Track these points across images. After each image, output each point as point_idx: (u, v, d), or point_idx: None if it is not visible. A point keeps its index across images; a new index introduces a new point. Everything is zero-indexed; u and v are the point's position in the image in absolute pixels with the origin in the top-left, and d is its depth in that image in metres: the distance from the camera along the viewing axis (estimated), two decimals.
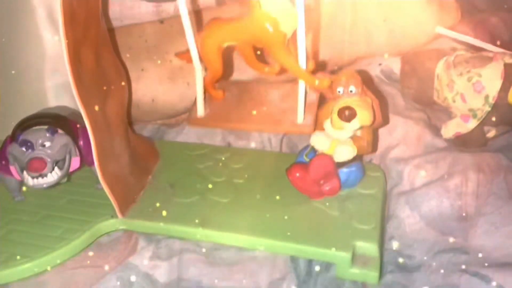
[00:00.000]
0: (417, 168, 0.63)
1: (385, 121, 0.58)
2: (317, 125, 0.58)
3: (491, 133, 0.69)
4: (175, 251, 0.53)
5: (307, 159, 0.58)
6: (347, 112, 0.51)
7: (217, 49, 0.58)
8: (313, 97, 0.62)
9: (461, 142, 0.68)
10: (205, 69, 0.63)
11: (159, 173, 0.65)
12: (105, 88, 0.58)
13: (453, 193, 0.57)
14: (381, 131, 0.71)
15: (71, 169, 0.57)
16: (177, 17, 0.79)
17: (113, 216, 0.57)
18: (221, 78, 0.63)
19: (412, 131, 0.71)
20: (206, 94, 0.65)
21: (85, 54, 0.53)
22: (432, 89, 0.73)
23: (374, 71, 0.83)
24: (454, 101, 0.69)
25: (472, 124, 0.66)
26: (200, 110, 0.64)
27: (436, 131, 0.71)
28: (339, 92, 0.54)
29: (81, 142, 0.58)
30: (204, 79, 0.63)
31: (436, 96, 0.73)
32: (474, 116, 0.66)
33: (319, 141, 0.56)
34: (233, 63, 0.76)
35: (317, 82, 0.56)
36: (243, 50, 0.63)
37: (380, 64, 0.84)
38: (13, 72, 0.71)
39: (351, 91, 0.53)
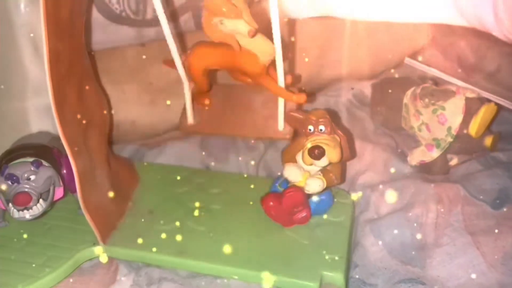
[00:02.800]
0: (382, 195, 0.67)
1: (352, 155, 0.62)
2: (288, 157, 0.61)
3: (453, 161, 0.73)
4: (154, 279, 0.56)
5: (280, 189, 0.62)
6: (316, 151, 0.55)
7: (203, 72, 0.63)
8: (292, 105, 0.67)
9: (426, 170, 0.72)
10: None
11: (139, 198, 0.68)
12: (87, 120, 0.60)
13: (414, 223, 0.61)
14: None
15: (55, 199, 0.59)
16: (158, 40, 0.82)
17: (95, 243, 0.60)
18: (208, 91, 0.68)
19: (380, 157, 0.75)
20: (194, 103, 0.69)
21: (69, 91, 0.56)
22: (400, 116, 0.78)
23: (346, 95, 0.87)
24: (420, 130, 0.73)
25: (436, 153, 0.71)
26: (190, 118, 0.69)
27: (403, 157, 0.75)
28: (310, 130, 0.58)
29: (64, 171, 0.61)
30: (192, 90, 0.68)
31: (404, 124, 0.77)
32: (438, 145, 0.71)
33: (291, 173, 0.60)
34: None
35: (294, 98, 0.61)
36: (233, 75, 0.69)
37: (352, 88, 0.89)
38: None
39: (321, 130, 0.57)
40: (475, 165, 0.71)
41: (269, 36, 0.57)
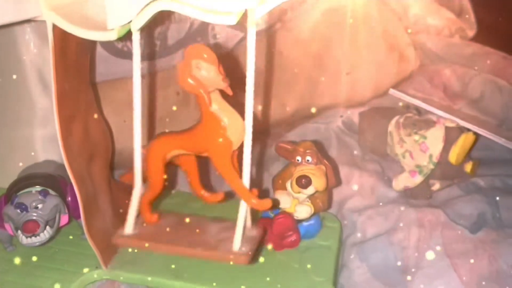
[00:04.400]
0: (368, 219, 0.72)
1: (338, 182, 0.67)
2: (278, 185, 0.65)
3: (436, 186, 0.77)
4: None
5: (271, 214, 0.66)
6: (303, 181, 0.59)
7: (161, 160, 0.60)
8: (254, 232, 0.61)
9: (409, 194, 0.77)
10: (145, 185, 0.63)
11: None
12: (91, 150, 0.64)
13: (397, 246, 0.65)
14: (341, 182, 0.80)
15: (60, 225, 0.63)
16: (158, 72, 0.87)
17: (98, 267, 0.63)
18: (158, 197, 0.64)
19: (366, 183, 0.79)
20: (140, 215, 0.65)
21: (75, 127, 0.60)
22: (385, 144, 0.82)
23: (336, 122, 0.92)
24: (403, 157, 0.78)
25: (418, 179, 0.75)
26: (129, 227, 0.63)
27: (388, 182, 0.80)
28: (298, 160, 0.62)
29: (69, 199, 0.65)
30: (142, 197, 0.63)
31: (389, 151, 0.82)
32: (420, 172, 0.75)
33: (281, 200, 0.64)
34: None
35: (254, 201, 0.56)
36: (189, 172, 0.65)
37: (341, 116, 0.93)
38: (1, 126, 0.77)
39: (307, 160, 0.62)
40: (456, 190, 0.76)
41: None
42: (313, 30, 0.98)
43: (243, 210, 0.59)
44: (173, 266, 0.63)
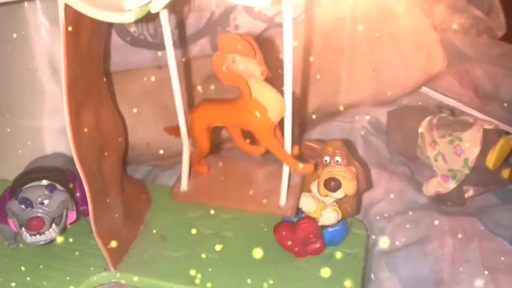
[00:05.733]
0: (398, 227, 0.66)
1: (368, 186, 0.62)
2: (304, 186, 0.60)
3: (469, 193, 0.72)
4: None
5: (294, 219, 0.61)
6: (332, 184, 0.54)
7: (206, 130, 0.61)
8: (297, 180, 0.64)
9: (441, 201, 0.71)
10: (193, 145, 0.65)
11: (151, 221, 0.67)
12: (102, 144, 0.60)
13: (430, 257, 0.60)
14: None
15: (67, 222, 0.59)
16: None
17: (106, 269, 0.59)
18: (209, 154, 0.65)
19: (395, 186, 0.74)
20: (192, 169, 0.67)
21: (86, 118, 0.56)
22: (415, 145, 0.77)
23: (362, 122, 0.87)
24: (435, 160, 0.72)
25: (452, 185, 0.70)
26: (184, 185, 0.66)
27: (418, 187, 0.74)
28: (326, 161, 0.57)
29: (78, 194, 0.61)
30: (191, 154, 0.65)
31: (419, 153, 0.77)
32: (454, 177, 0.70)
33: (306, 203, 0.59)
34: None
35: (301, 166, 0.58)
36: (231, 130, 0.65)
37: (367, 115, 0.88)
38: (7, 115, 0.73)
39: (337, 161, 0.57)
40: (492, 198, 0.70)
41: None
42: (338, 23, 0.92)
43: (287, 173, 0.60)
44: (187, 268, 0.58)
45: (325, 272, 0.58)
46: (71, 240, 0.61)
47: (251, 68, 0.52)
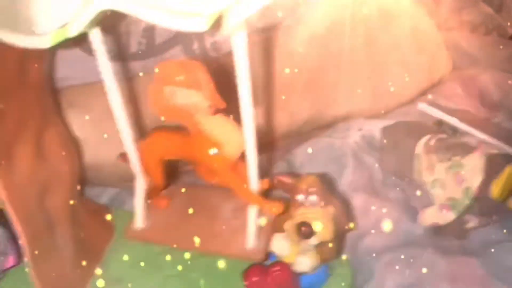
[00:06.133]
0: (388, 266, 0.58)
1: (353, 226, 0.54)
2: (276, 225, 0.53)
3: (471, 223, 0.64)
4: None
5: (268, 262, 0.54)
6: (304, 229, 0.47)
7: (158, 162, 0.53)
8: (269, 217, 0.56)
9: (439, 233, 0.63)
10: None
11: (110, 258, 0.60)
12: (46, 175, 0.53)
13: None
14: (355, 213, 0.67)
15: (4, 267, 0.52)
16: (144, 75, 0.74)
17: None
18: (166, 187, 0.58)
19: (388, 215, 0.66)
20: (149, 202, 0.60)
21: (20, 149, 0.48)
22: (412, 167, 0.69)
23: (353, 137, 0.78)
24: (433, 187, 0.64)
25: (451, 216, 0.62)
26: (139, 222, 0.58)
27: (414, 214, 0.66)
28: (298, 199, 0.49)
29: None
30: (147, 187, 0.58)
31: (416, 176, 0.68)
32: (453, 207, 0.61)
33: (278, 247, 0.51)
34: None
35: (267, 206, 0.51)
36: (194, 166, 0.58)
37: (360, 129, 0.79)
38: None
39: (311, 201, 0.48)
40: (498, 231, 0.62)
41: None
42: (330, 26, 0.83)
43: (254, 210, 0.53)
44: None
45: None
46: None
47: (196, 102, 0.44)
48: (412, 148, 0.68)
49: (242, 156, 0.49)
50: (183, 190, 0.62)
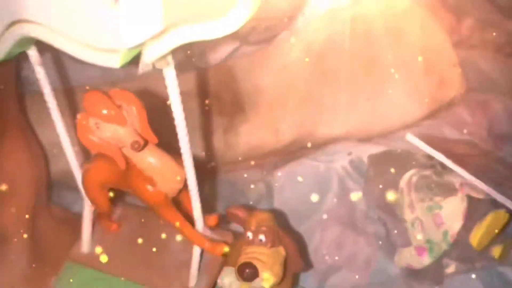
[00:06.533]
0: None
1: (307, 266, 0.50)
2: (230, 258, 0.50)
3: (450, 268, 0.60)
4: None
5: None
6: (247, 271, 0.44)
7: (100, 190, 0.50)
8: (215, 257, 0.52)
9: (414, 276, 0.59)
10: None
11: (68, 269, 0.58)
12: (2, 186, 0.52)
13: None
14: (328, 246, 0.63)
15: None
16: (128, 81, 0.73)
17: None
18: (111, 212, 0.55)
19: (361, 251, 0.62)
20: (98, 224, 0.56)
21: None
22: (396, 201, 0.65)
23: (341, 161, 0.74)
24: (412, 226, 0.60)
25: (427, 260, 0.58)
26: (85, 246, 0.55)
27: (391, 252, 0.62)
28: (248, 237, 0.46)
29: None
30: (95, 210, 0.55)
31: (399, 211, 0.64)
32: (430, 250, 0.58)
33: (228, 281, 0.49)
34: None
35: (207, 245, 0.47)
36: None
37: (349, 154, 0.75)
38: None
39: (260, 240, 0.46)
40: (476, 282, 0.58)
41: None
42: (328, 41, 0.80)
43: (197, 251, 0.50)
44: None
45: None
46: None
47: (120, 137, 0.41)
48: (397, 181, 0.64)
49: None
50: (136, 217, 0.58)
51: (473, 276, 0.58)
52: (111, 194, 0.51)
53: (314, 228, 0.65)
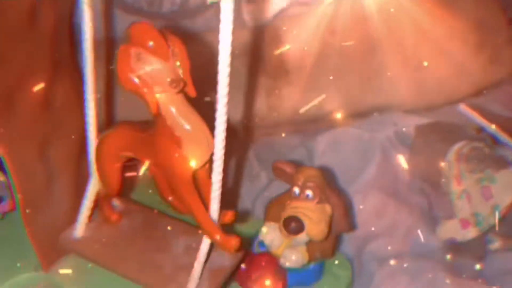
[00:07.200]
0: (389, 277, 0.54)
1: (351, 227, 0.49)
2: (272, 213, 0.49)
3: (495, 244, 0.58)
4: None
5: (259, 250, 0.51)
6: (293, 225, 0.43)
7: (114, 158, 0.47)
8: (226, 260, 0.47)
9: (456, 250, 0.58)
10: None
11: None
12: (50, 129, 0.52)
13: None
14: (369, 213, 0.62)
15: (2, 211, 0.53)
16: None
17: (37, 269, 0.52)
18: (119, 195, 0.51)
19: (402, 221, 0.61)
20: (98, 211, 0.53)
21: (23, 99, 0.48)
22: (441, 172, 0.63)
23: (386, 131, 0.73)
24: (459, 198, 0.59)
25: (471, 233, 0.56)
26: (79, 230, 0.51)
27: (433, 225, 0.61)
28: (294, 192, 0.45)
29: None
30: (100, 191, 0.51)
31: (444, 183, 0.62)
32: (477, 223, 0.56)
33: (269, 236, 0.48)
34: None
35: (218, 237, 0.42)
36: (156, 177, 0.51)
37: (395, 125, 0.73)
38: None
39: (307, 196, 0.45)
40: None
41: None
42: (378, 9, 0.77)
43: (206, 245, 0.44)
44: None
45: None
46: (4, 232, 0.55)
47: (160, 73, 0.38)
48: (444, 152, 0.62)
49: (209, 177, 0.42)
50: (139, 215, 0.54)
51: None
52: None
53: (354, 195, 0.64)
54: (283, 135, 0.75)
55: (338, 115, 0.74)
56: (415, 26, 0.78)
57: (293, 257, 0.46)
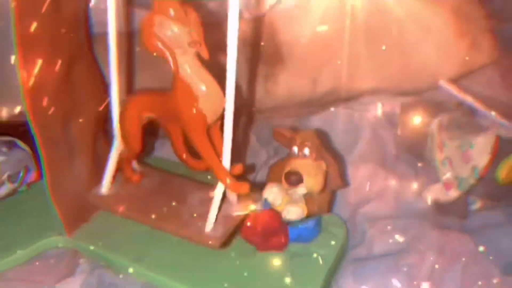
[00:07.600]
0: (380, 233, 0.60)
1: (344, 184, 0.55)
2: (274, 176, 0.55)
3: (476, 204, 0.64)
4: (105, 283, 0.53)
5: (260, 208, 0.56)
6: (293, 178, 0.49)
7: (136, 121, 0.54)
8: (238, 208, 0.55)
9: (441, 210, 0.64)
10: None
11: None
12: (69, 107, 0.57)
13: (403, 273, 0.53)
14: (361, 181, 0.68)
15: (28, 181, 0.58)
16: None
17: (61, 233, 0.57)
18: (140, 155, 0.58)
19: (392, 186, 0.67)
20: (122, 172, 0.60)
21: (48, 72, 0.53)
22: (425, 145, 0.69)
23: (374, 111, 0.79)
24: (443, 165, 0.64)
25: (454, 193, 0.62)
26: (106, 187, 0.58)
27: (418, 190, 0.67)
28: (294, 152, 0.51)
29: None
30: (122, 154, 0.58)
31: (428, 154, 0.69)
32: (459, 185, 0.62)
33: (272, 195, 0.54)
34: None
35: (229, 181, 0.49)
36: (172, 135, 0.57)
37: (383, 105, 0.80)
38: None
39: (305, 154, 0.51)
40: (499, 216, 0.62)
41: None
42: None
43: (220, 190, 0.51)
44: (138, 247, 0.55)
45: (283, 272, 0.53)
46: (31, 199, 0.60)
47: (179, 36, 0.46)
48: (428, 125, 0.68)
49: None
50: (156, 176, 0.62)
51: (497, 212, 0.62)
52: None
53: (347, 167, 0.70)
54: (280, 117, 0.81)
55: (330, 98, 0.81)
56: (399, 14, 0.85)
57: (294, 211, 0.52)
